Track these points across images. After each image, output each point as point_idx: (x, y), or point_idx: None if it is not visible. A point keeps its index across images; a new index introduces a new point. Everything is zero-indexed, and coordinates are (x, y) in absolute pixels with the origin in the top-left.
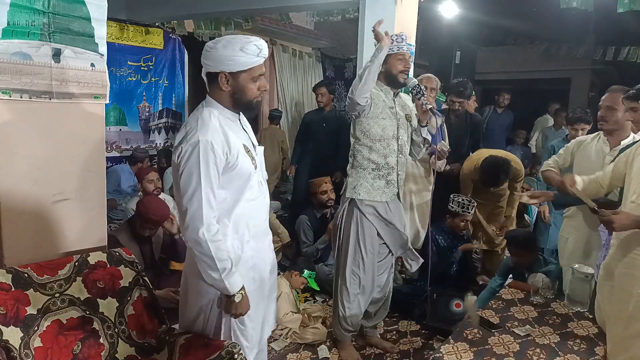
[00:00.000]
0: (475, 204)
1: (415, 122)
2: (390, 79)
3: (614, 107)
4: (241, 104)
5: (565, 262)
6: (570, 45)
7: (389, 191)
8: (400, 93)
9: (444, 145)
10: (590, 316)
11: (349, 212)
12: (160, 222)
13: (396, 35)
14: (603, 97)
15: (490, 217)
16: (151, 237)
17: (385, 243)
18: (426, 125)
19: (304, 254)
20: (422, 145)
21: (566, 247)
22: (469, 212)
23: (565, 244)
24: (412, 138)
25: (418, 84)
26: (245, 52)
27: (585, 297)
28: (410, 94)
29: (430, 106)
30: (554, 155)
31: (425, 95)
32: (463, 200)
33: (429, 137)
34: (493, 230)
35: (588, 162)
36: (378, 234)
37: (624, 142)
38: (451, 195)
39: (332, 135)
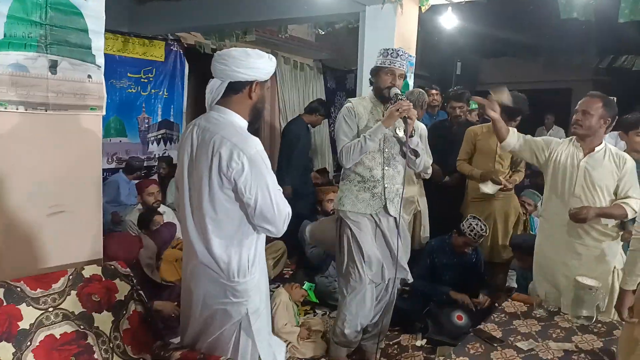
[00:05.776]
0: (488, 233)
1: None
2: (378, 92)
3: (590, 112)
4: (258, 113)
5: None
6: (571, 56)
7: (375, 204)
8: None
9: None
10: (595, 330)
11: (341, 226)
12: (129, 261)
13: (392, 49)
14: (580, 102)
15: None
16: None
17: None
18: (412, 136)
19: (310, 255)
20: (414, 156)
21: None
22: (478, 241)
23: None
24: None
25: (396, 94)
26: (272, 61)
27: (591, 310)
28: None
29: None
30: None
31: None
32: (480, 226)
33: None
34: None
35: (564, 165)
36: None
37: (597, 149)
38: (469, 216)
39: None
